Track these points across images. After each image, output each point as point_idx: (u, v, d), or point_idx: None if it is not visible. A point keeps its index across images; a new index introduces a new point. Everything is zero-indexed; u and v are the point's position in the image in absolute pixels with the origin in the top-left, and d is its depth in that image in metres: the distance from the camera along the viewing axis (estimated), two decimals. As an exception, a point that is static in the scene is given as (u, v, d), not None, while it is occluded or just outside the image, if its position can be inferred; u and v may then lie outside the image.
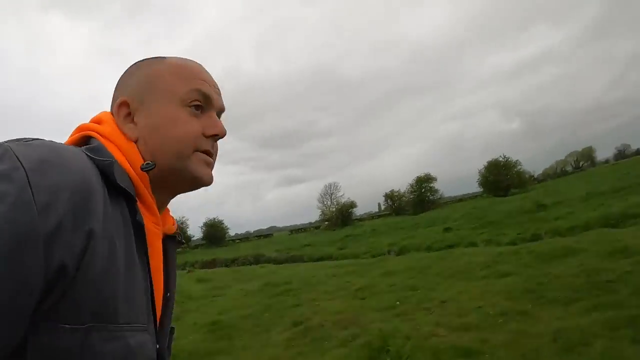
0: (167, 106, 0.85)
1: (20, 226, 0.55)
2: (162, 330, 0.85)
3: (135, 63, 0.91)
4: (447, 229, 23.81)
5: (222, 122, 0.91)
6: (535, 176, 71.56)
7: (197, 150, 0.85)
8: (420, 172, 60.38)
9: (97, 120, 0.86)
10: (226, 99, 0.96)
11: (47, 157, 0.62)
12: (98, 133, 0.81)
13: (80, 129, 0.84)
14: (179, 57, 0.91)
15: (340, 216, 54.36)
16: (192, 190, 0.91)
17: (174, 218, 0.96)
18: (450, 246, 17.89)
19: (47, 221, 0.57)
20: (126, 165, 0.78)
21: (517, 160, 54.44)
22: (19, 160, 0.60)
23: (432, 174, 58.10)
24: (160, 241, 0.84)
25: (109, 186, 0.71)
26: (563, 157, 76.17)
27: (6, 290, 0.53)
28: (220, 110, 0.93)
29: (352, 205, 56.39)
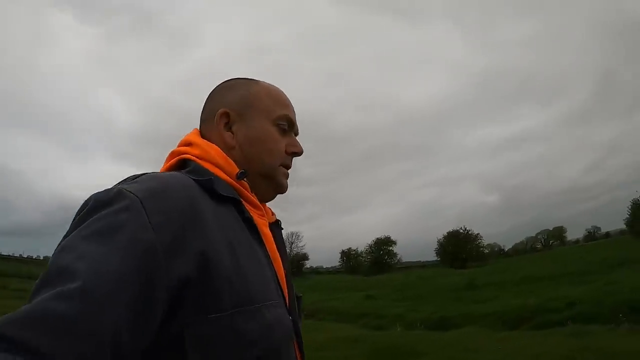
0: (264, 123, 1.00)
1: (142, 245, 0.66)
2: (291, 302, 0.96)
3: (228, 81, 1.07)
4: (368, 296, 22.86)
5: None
6: (506, 250, 70.92)
7: (281, 164, 1.02)
8: (390, 234, 59.43)
9: (186, 143, 0.99)
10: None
11: (155, 186, 0.75)
12: (192, 155, 0.94)
13: (174, 154, 0.97)
14: (269, 83, 1.08)
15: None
16: (272, 196, 1.05)
17: (270, 208, 1.09)
18: (363, 315, 17.31)
19: (164, 238, 0.69)
20: (224, 177, 0.91)
21: (478, 234, 53.82)
22: (133, 194, 0.71)
23: (392, 237, 57.32)
24: (268, 228, 0.98)
25: (215, 197, 0.84)
26: (534, 234, 75.09)
27: (133, 298, 0.63)
28: (296, 134, 1.08)
29: (304, 257, 54.82)
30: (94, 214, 0.70)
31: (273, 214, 1.09)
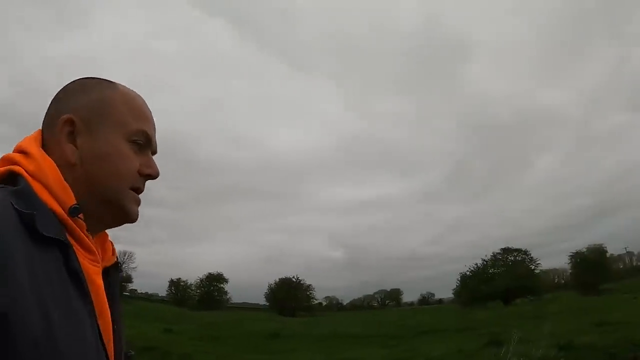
0: (115, 138, 0.86)
1: None
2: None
3: (81, 80, 0.90)
4: (167, 330, 21.68)
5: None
6: (344, 304, 73.11)
7: (131, 188, 0.87)
8: (230, 272, 58.24)
9: (21, 149, 0.82)
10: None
11: None
12: (25, 170, 0.77)
13: (5, 160, 0.81)
14: (128, 88, 0.93)
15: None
16: (119, 224, 0.91)
17: (112, 242, 0.96)
18: (150, 348, 15.86)
19: None
20: (57, 209, 0.75)
21: (309, 285, 54.74)
22: None
23: (224, 275, 56.11)
24: (100, 277, 0.83)
25: (37, 236, 0.69)
26: (372, 293, 78.71)
27: None
28: (154, 153, 0.95)
29: (128, 279, 51.22)
30: None
31: (113, 252, 0.94)
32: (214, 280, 55.63)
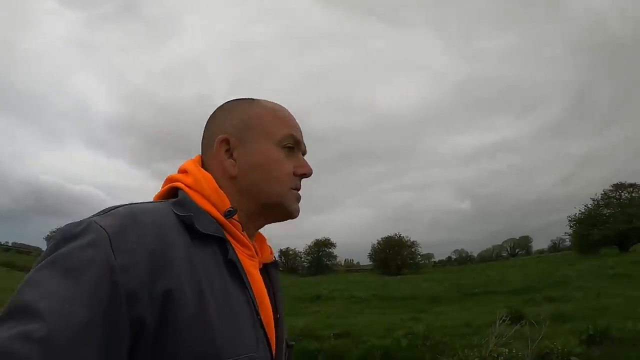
0: (267, 146, 0.95)
1: (107, 287, 0.64)
2: (279, 351, 0.91)
3: (228, 103, 1.02)
4: None
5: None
6: (474, 257, 72.16)
7: (291, 188, 0.96)
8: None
9: (182, 170, 0.94)
10: (196, 125, 1.07)
11: (126, 223, 0.72)
12: (184, 184, 0.89)
13: (168, 180, 0.94)
14: (271, 102, 1.03)
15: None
16: (282, 220, 1.01)
17: (270, 247, 1.05)
18: None
19: (128, 281, 0.66)
20: (213, 212, 0.86)
21: (414, 241, 53.36)
22: (104, 230, 0.69)
23: (332, 240, 57.13)
24: (258, 270, 0.92)
25: (196, 235, 0.80)
26: (500, 243, 74.85)
27: (97, 345, 0.61)
28: (304, 153, 1.03)
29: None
30: (62, 246, 0.68)
31: (271, 252, 1.04)
32: (322, 246, 56.94)
